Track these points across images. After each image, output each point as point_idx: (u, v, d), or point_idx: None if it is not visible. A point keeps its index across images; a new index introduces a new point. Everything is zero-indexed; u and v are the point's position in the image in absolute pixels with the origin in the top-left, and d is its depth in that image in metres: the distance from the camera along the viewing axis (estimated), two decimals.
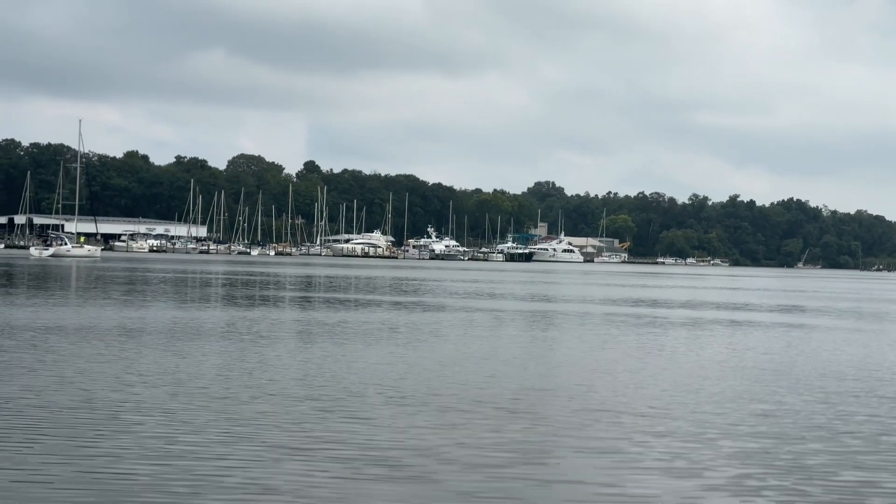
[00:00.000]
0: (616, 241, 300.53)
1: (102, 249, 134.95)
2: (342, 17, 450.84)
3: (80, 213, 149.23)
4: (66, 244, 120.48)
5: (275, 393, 16.47)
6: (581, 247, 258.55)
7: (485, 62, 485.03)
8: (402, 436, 13.29)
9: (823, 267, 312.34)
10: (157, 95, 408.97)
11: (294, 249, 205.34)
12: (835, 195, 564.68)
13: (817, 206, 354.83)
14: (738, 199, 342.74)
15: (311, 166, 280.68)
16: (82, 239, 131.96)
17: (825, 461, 12.65)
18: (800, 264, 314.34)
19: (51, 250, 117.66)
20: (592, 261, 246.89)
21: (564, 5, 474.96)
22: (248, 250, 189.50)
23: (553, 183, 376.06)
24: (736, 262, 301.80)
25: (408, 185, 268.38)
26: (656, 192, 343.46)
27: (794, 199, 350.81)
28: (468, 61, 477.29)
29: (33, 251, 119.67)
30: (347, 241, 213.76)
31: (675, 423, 14.96)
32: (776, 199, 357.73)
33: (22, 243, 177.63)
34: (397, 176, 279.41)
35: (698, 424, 14.84)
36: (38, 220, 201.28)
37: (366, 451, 12.31)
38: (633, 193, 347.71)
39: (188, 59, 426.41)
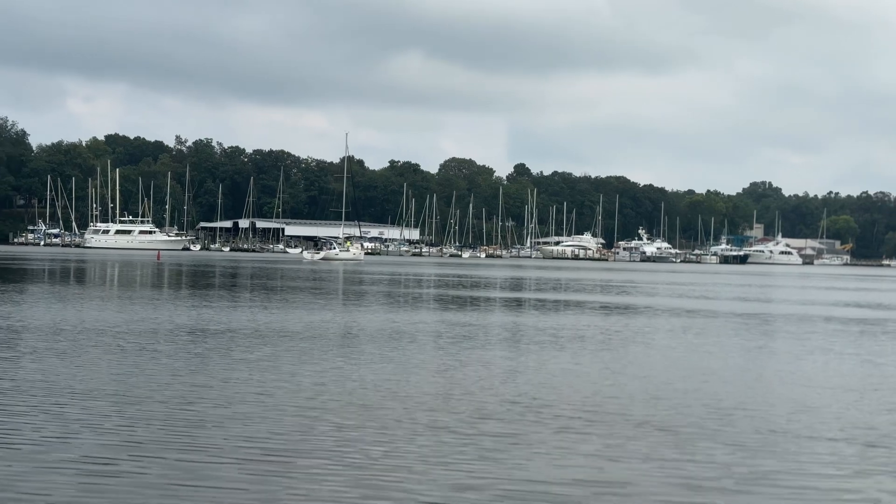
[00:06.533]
0: (837, 243, 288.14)
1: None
2: (534, 18, 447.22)
3: (346, 219, 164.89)
4: (334, 248, 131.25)
5: (453, 409, 15.80)
6: (799, 248, 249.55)
7: (682, 59, 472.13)
8: (565, 466, 12.33)
9: None
10: (358, 100, 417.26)
11: (504, 252, 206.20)
12: None
13: None
14: None
15: (521, 169, 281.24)
16: (348, 243, 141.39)
17: None
18: None
19: (321, 254, 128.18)
20: (812, 263, 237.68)
21: None
22: (460, 253, 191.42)
23: (769, 183, 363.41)
24: None
25: (618, 187, 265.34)
26: (881, 192, 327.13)
27: None
28: (665, 58, 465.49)
29: (305, 255, 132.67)
30: (557, 243, 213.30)
31: None
32: None
33: (246, 246, 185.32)
34: (607, 178, 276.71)
35: None
36: (261, 224, 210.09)
37: (517, 481, 11.50)
38: (852, 192, 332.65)
39: (387, 62, 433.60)
